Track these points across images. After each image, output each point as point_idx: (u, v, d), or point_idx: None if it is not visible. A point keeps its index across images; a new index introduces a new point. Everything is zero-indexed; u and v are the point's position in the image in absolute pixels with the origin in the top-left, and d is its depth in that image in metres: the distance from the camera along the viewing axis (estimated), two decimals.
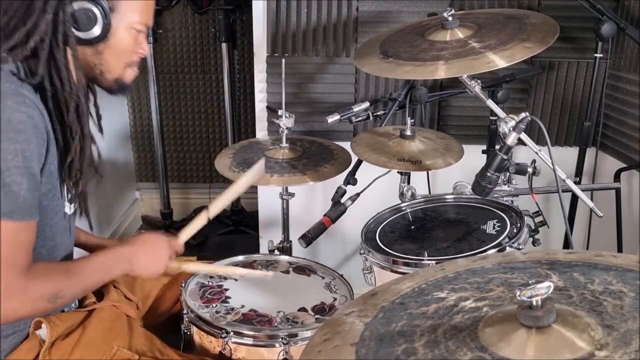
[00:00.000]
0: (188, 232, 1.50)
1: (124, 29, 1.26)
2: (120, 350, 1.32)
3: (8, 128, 1.10)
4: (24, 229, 1.14)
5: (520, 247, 1.53)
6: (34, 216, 1.16)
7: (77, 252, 1.44)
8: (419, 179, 2.03)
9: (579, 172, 2.19)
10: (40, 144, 1.16)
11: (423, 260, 1.52)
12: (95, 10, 1.21)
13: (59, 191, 1.26)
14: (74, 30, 1.21)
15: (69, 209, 1.32)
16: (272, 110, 2.25)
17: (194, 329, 1.46)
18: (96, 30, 1.22)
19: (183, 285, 1.56)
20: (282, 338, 1.37)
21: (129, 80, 1.34)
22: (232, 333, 1.38)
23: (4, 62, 1.17)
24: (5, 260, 1.10)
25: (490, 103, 1.53)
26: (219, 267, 1.61)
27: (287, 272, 1.69)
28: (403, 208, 1.81)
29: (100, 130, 1.42)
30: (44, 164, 1.18)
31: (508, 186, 1.77)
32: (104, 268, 1.30)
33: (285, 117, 1.92)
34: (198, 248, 3.00)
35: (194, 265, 1.56)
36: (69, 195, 1.31)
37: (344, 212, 1.72)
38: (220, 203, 1.54)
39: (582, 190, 1.48)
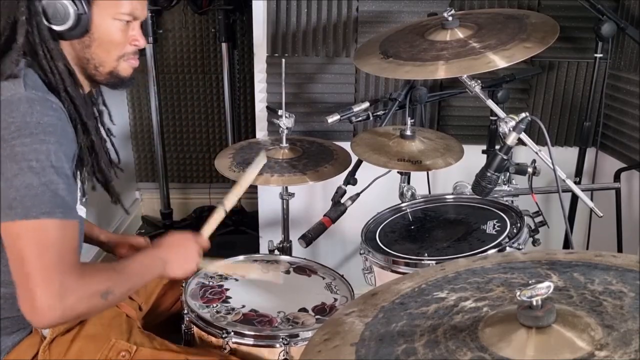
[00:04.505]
0: (209, 228, 1.51)
1: (108, 21, 1.25)
2: (118, 342, 1.32)
3: (38, 130, 1.11)
4: (68, 227, 1.13)
5: (520, 247, 1.53)
6: (75, 216, 1.16)
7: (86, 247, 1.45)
8: (419, 179, 2.03)
9: (579, 172, 2.19)
10: (69, 146, 1.17)
11: (423, 260, 1.52)
12: (67, 3, 1.20)
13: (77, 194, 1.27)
14: (49, 24, 1.21)
15: (83, 212, 1.33)
16: (272, 110, 2.25)
17: (195, 329, 1.46)
18: (70, 24, 1.21)
19: (184, 285, 1.56)
20: (282, 338, 1.37)
21: (125, 73, 1.32)
22: (232, 333, 1.38)
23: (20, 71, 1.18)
24: (58, 259, 1.09)
25: (490, 103, 1.53)
26: (234, 267, 1.62)
27: (287, 272, 1.69)
28: (403, 208, 1.81)
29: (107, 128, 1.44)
30: (72, 167, 1.19)
31: (508, 186, 1.77)
32: (144, 269, 1.30)
33: (285, 117, 1.92)
34: None
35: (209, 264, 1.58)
36: (83, 199, 1.33)
37: (344, 212, 1.72)
38: (233, 196, 1.56)
39: (582, 190, 1.48)
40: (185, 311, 1.48)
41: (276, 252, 1.95)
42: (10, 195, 1.08)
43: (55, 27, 1.22)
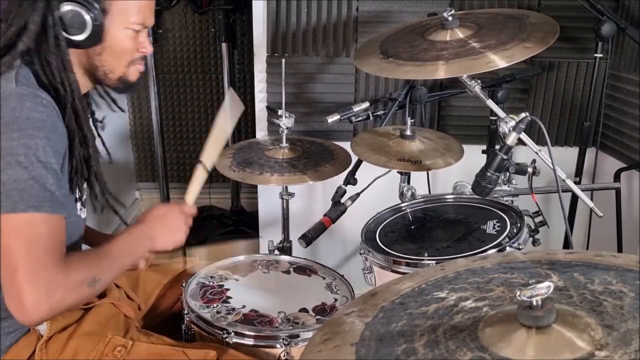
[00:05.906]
0: (193, 192, 1.50)
1: (120, 30, 1.26)
2: (115, 338, 1.32)
3: (27, 125, 1.12)
4: (55, 222, 1.13)
5: (520, 247, 1.53)
6: (63, 211, 1.16)
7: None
8: (419, 179, 2.03)
9: (579, 172, 2.19)
10: (59, 142, 1.17)
11: (423, 260, 1.52)
12: (84, 13, 1.20)
13: (72, 193, 1.27)
14: (65, 33, 1.21)
15: (82, 212, 1.33)
16: (272, 110, 2.25)
17: (195, 329, 1.46)
18: (88, 34, 1.22)
19: (184, 285, 1.56)
20: (282, 339, 1.37)
21: (133, 78, 1.34)
22: (232, 333, 1.38)
23: (13, 68, 1.18)
24: (44, 254, 1.09)
25: (490, 103, 1.53)
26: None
27: (287, 272, 1.69)
28: (403, 208, 1.81)
29: (99, 134, 1.44)
30: (62, 163, 1.19)
31: (508, 186, 1.77)
32: (129, 248, 1.30)
33: (285, 117, 1.92)
34: None
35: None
36: (82, 199, 1.32)
37: (344, 212, 1.72)
38: (211, 151, 1.53)
39: (582, 190, 1.48)
40: (186, 311, 1.48)
41: (276, 252, 1.95)
42: None
43: (72, 38, 1.22)
